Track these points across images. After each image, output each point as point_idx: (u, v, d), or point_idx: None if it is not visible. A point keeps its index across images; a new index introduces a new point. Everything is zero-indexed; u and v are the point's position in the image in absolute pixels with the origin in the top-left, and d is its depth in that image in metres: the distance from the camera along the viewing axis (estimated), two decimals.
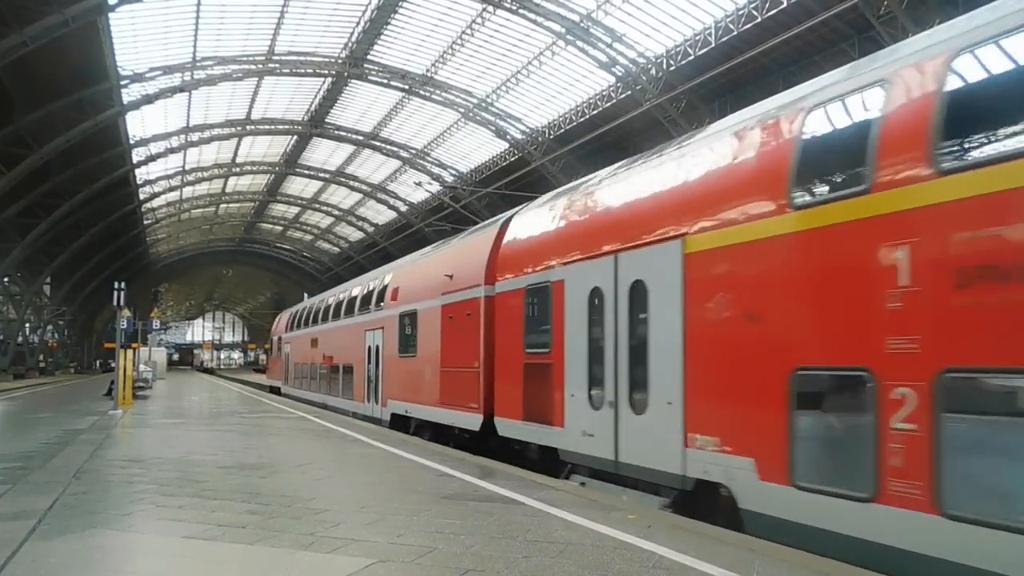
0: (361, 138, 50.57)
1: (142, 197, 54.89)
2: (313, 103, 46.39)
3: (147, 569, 5.09)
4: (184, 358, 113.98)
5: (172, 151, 47.52)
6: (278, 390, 31.94)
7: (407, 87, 41.63)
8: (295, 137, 52.24)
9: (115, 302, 21.56)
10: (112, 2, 27.23)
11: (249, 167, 58.65)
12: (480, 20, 33.82)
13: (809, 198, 5.72)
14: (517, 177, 41.37)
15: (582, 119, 36.94)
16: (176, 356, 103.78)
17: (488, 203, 45.22)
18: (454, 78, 40.18)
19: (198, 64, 37.30)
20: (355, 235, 74.86)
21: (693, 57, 29.16)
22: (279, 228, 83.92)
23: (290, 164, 58.34)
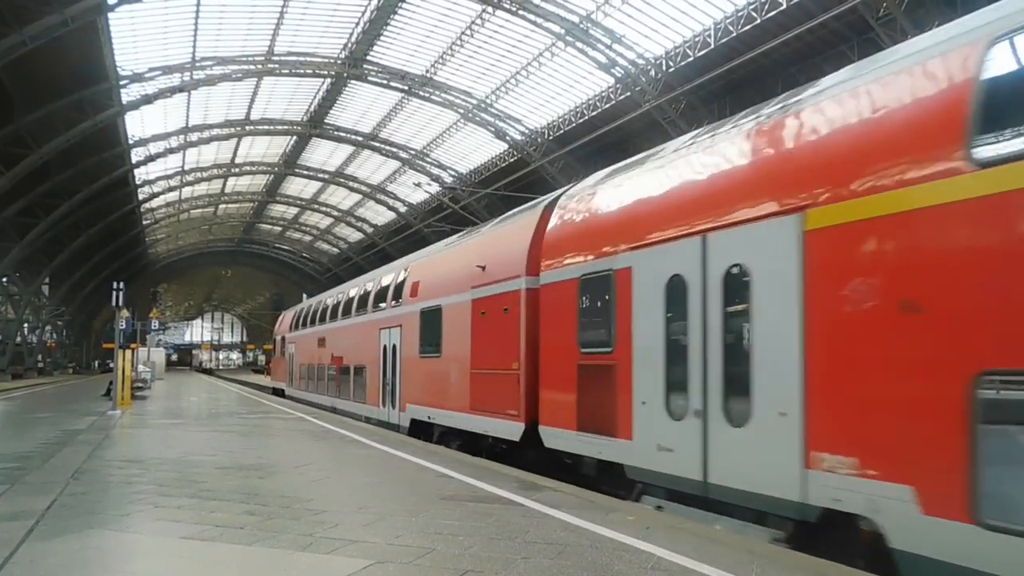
0: (360, 139, 50.58)
1: (141, 197, 54.92)
2: (312, 104, 46.42)
3: (145, 569, 5.08)
4: (183, 359, 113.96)
5: (171, 151, 47.55)
6: (282, 392, 30.67)
7: (406, 88, 41.65)
8: (294, 138, 52.24)
9: (114, 302, 21.54)
10: (111, 2, 27.26)
11: (248, 167, 58.66)
12: (480, 21, 33.86)
13: (998, 152, 4.49)
14: (517, 178, 41.39)
15: (581, 120, 36.96)
16: (175, 357, 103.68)
17: (487, 204, 45.26)
18: (453, 79, 40.21)
19: (197, 64, 37.32)
20: (354, 236, 74.87)
21: (692, 58, 29.21)
22: (278, 229, 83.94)
23: (289, 165, 58.35)
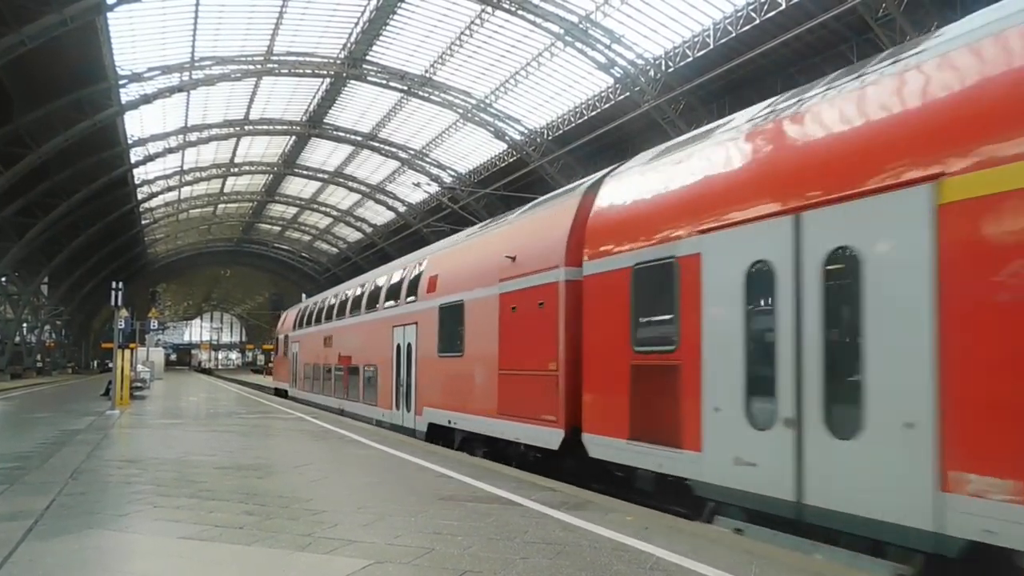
0: (360, 139, 50.58)
1: (140, 197, 54.91)
2: (312, 103, 46.41)
3: (144, 570, 5.08)
4: (182, 358, 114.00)
5: (170, 151, 47.54)
6: (285, 393, 29.61)
7: (406, 88, 41.65)
8: (293, 137, 52.23)
9: (113, 302, 21.54)
10: (110, 2, 27.24)
11: (247, 167, 58.65)
12: (479, 21, 33.87)
13: None
14: (516, 178, 41.41)
15: (580, 120, 36.98)
16: (174, 356, 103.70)
17: (486, 204, 45.27)
18: (453, 79, 40.22)
19: (196, 64, 37.32)
20: (353, 236, 74.88)
21: (692, 59, 29.24)
22: (277, 228, 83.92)
23: (288, 164, 58.34)
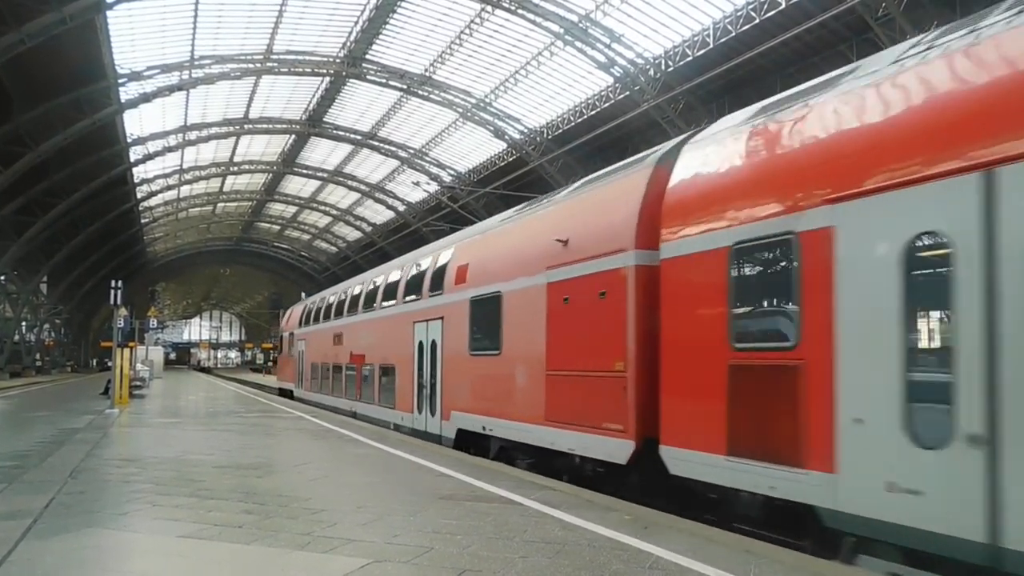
0: (359, 138, 50.55)
1: (139, 196, 54.85)
2: (311, 102, 46.37)
3: (143, 569, 5.08)
4: (181, 357, 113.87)
5: (170, 150, 47.49)
6: (290, 394, 28.23)
7: (405, 87, 41.63)
8: (293, 136, 52.19)
9: (112, 301, 21.53)
10: (110, 0, 27.21)
11: (247, 166, 58.60)
12: (479, 20, 33.85)
13: None
14: (515, 177, 41.39)
15: (580, 119, 36.96)
16: (173, 355, 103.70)
17: (486, 203, 45.26)
18: (453, 78, 40.19)
19: (196, 63, 37.28)
20: (353, 235, 74.85)
21: (691, 58, 29.22)
22: (277, 227, 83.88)
23: (288, 163, 58.30)
